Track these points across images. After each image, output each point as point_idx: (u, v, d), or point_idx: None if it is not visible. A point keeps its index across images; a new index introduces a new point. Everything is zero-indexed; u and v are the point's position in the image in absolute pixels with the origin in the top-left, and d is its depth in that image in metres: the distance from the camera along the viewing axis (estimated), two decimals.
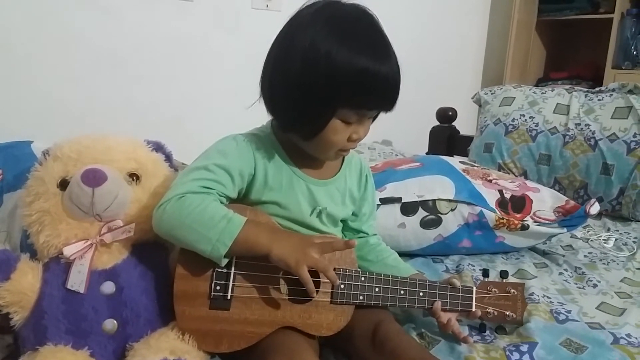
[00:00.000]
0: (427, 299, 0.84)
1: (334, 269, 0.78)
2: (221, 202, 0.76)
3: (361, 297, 0.80)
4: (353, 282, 0.79)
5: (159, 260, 0.79)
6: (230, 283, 0.74)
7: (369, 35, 0.74)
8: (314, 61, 0.71)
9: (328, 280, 0.76)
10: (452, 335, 0.84)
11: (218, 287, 0.74)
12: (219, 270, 0.74)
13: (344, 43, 0.71)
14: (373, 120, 0.82)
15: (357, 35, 0.73)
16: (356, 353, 0.78)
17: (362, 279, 0.80)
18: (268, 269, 0.75)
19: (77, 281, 0.70)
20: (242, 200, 0.81)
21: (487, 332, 0.86)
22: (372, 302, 0.81)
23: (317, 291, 0.76)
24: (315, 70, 0.71)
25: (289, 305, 0.76)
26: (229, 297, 0.74)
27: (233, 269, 0.75)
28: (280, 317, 0.76)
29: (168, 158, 0.88)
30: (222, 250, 0.70)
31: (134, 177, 0.79)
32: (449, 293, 0.85)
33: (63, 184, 0.75)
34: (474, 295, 0.86)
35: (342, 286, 0.78)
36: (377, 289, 0.81)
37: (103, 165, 0.75)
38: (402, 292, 0.82)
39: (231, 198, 0.78)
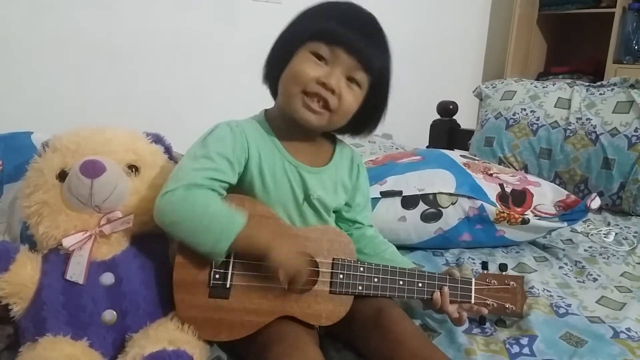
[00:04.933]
0: (426, 289, 0.84)
1: (333, 259, 0.79)
2: (223, 191, 0.77)
3: (360, 288, 0.80)
4: (352, 272, 0.80)
5: (158, 251, 0.78)
6: (230, 271, 0.74)
7: (354, 8, 0.82)
8: (297, 17, 0.83)
9: (327, 270, 0.78)
10: (450, 324, 0.85)
11: (217, 276, 0.74)
12: None
13: (327, 4, 0.82)
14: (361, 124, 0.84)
15: (343, 4, 0.82)
16: (357, 338, 0.78)
17: (361, 269, 0.81)
18: None
19: (76, 272, 0.70)
20: (238, 186, 0.81)
21: (487, 324, 0.86)
22: (371, 292, 0.81)
23: (316, 281, 0.77)
24: (295, 21, 0.83)
25: (288, 294, 0.76)
26: (228, 286, 0.74)
27: (232, 257, 0.75)
28: (279, 306, 0.76)
29: (167, 150, 0.88)
30: (223, 247, 0.71)
31: (133, 168, 0.78)
32: (448, 284, 0.85)
33: (62, 176, 0.74)
34: (473, 287, 0.86)
35: (341, 276, 0.79)
36: (376, 279, 0.81)
37: (102, 157, 0.74)
38: (401, 282, 0.83)
39: (232, 184, 0.79)
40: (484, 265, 0.92)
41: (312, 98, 0.78)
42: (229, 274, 0.74)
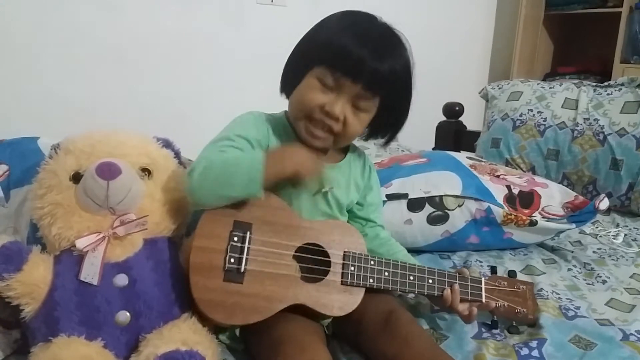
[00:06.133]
0: (436, 286, 0.85)
1: (344, 251, 0.81)
2: None
3: (371, 280, 0.81)
4: (363, 265, 0.81)
5: (170, 253, 0.79)
6: (244, 256, 0.75)
7: (369, 25, 0.82)
8: (311, 31, 0.83)
9: (338, 262, 0.80)
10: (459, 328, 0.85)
11: (232, 260, 0.75)
12: (234, 244, 0.76)
13: (339, 19, 0.82)
14: (377, 134, 0.89)
15: (355, 23, 0.81)
16: (366, 338, 0.78)
17: (372, 262, 0.82)
18: (281, 246, 0.77)
19: (90, 273, 0.71)
20: None
21: (498, 330, 0.86)
22: (382, 285, 0.82)
23: (328, 271, 0.79)
24: (307, 36, 0.83)
25: (301, 283, 0.78)
26: (242, 270, 0.75)
27: (247, 243, 0.76)
28: (292, 294, 0.77)
29: (177, 155, 0.89)
30: (257, 178, 0.72)
31: (146, 172, 0.80)
32: (458, 282, 0.86)
33: (76, 177, 0.75)
34: (483, 286, 0.87)
35: (352, 268, 0.80)
36: (386, 273, 0.83)
37: (117, 159, 0.75)
38: (411, 277, 0.84)
39: None
40: (493, 270, 0.92)
41: (315, 125, 0.81)
42: (244, 259, 0.75)
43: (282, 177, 0.76)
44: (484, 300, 0.86)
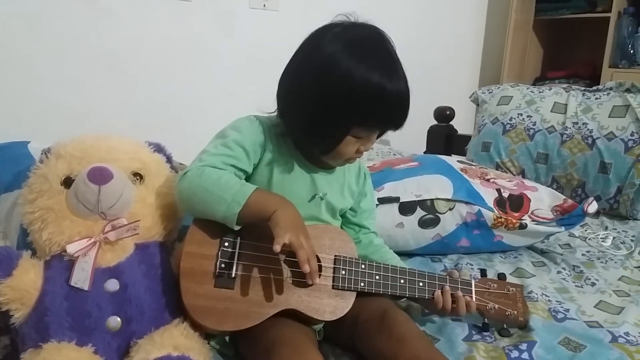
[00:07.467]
0: (427, 288, 0.86)
1: (335, 256, 0.81)
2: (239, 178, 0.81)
3: (362, 284, 0.82)
4: (354, 269, 0.82)
5: (161, 258, 0.79)
6: (235, 262, 0.76)
7: (384, 57, 0.80)
8: (334, 78, 0.76)
9: (329, 266, 0.80)
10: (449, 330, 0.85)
11: (223, 265, 0.76)
12: (225, 249, 0.76)
13: (361, 63, 0.76)
14: (379, 136, 0.87)
15: (373, 57, 0.78)
16: (362, 338, 0.79)
17: (362, 266, 0.83)
18: (272, 250, 0.76)
19: (81, 278, 0.71)
20: (248, 179, 0.84)
21: (489, 332, 0.86)
22: (373, 289, 0.82)
23: (320, 275, 0.79)
24: (333, 88, 0.77)
25: (292, 288, 0.78)
26: (233, 276, 0.75)
27: (238, 248, 0.77)
28: (283, 299, 0.77)
29: (168, 159, 0.90)
30: (237, 209, 0.74)
31: (138, 176, 0.80)
32: (448, 284, 0.86)
33: (67, 182, 0.75)
34: (474, 288, 0.87)
35: (344, 272, 0.81)
36: (377, 277, 0.83)
37: (108, 164, 0.75)
38: (402, 281, 0.85)
39: (247, 172, 0.83)
40: (483, 273, 0.93)
41: (351, 160, 0.87)
42: (234, 264, 0.76)
43: (260, 215, 0.75)
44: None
